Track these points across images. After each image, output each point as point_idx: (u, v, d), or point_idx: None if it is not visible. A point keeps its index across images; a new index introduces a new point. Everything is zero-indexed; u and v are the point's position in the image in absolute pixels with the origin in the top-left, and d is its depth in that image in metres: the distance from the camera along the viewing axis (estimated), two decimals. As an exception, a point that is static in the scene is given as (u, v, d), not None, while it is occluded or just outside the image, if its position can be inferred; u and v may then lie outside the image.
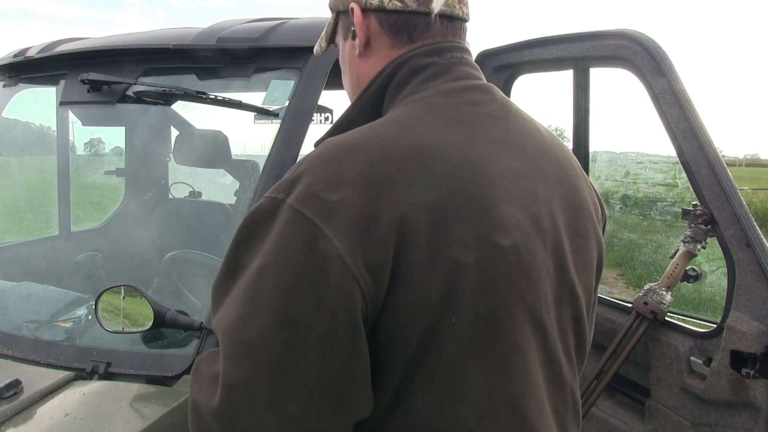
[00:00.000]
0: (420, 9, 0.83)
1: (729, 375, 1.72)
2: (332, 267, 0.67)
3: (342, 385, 0.70)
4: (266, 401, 0.69)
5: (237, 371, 0.70)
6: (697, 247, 1.91)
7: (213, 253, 1.74)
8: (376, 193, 0.69)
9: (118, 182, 2.87)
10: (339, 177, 0.70)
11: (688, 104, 1.78)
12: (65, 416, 1.16)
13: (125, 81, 1.61)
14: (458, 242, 0.70)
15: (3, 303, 1.81)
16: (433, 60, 0.83)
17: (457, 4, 0.85)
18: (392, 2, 0.83)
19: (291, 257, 0.68)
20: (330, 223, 0.68)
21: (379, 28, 0.85)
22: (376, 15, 0.85)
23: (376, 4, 0.84)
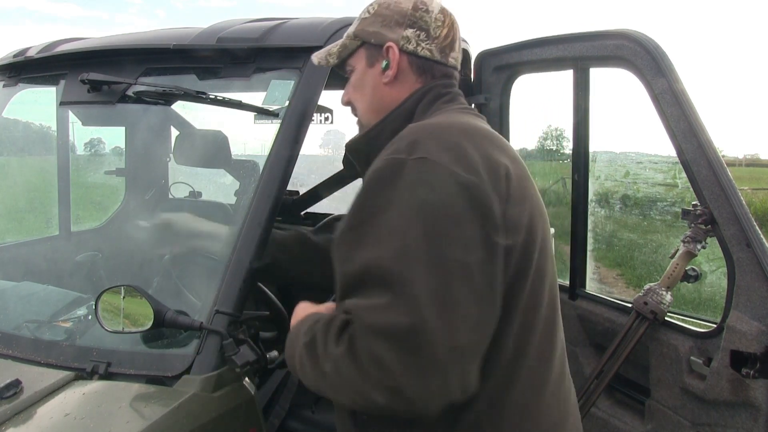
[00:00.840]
0: (441, 60, 1.15)
1: (729, 375, 1.72)
2: (473, 191, 0.89)
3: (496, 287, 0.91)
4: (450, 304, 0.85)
5: (423, 286, 0.84)
6: (697, 247, 1.91)
7: (213, 253, 1.74)
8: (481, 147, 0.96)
9: (118, 182, 2.86)
10: (450, 139, 0.95)
11: (688, 104, 1.78)
12: (65, 416, 1.16)
13: (125, 81, 1.61)
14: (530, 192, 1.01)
15: (3, 303, 1.81)
16: (449, 90, 1.16)
17: (458, 61, 1.19)
18: (424, 51, 1.14)
19: (438, 192, 0.88)
20: (459, 165, 0.90)
21: (409, 67, 1.15)
22: (408, 56, 1.14)
23: (411, 49, 1.14)
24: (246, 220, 1.40)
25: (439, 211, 0.87)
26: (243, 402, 1.31)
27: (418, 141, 0.94)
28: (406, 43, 1.13)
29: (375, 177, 0.93)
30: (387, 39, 1.14)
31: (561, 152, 13.71)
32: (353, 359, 0.86)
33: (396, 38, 1.13)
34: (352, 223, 0.93)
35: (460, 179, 0.89)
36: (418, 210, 0.87)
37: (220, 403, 1.26)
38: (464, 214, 0.88)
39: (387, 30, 1.14)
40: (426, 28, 1.13)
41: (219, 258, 1.53)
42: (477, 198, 0.89)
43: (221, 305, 1.32)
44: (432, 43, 1.13)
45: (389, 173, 0.91)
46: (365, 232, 0.90)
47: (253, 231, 1.39)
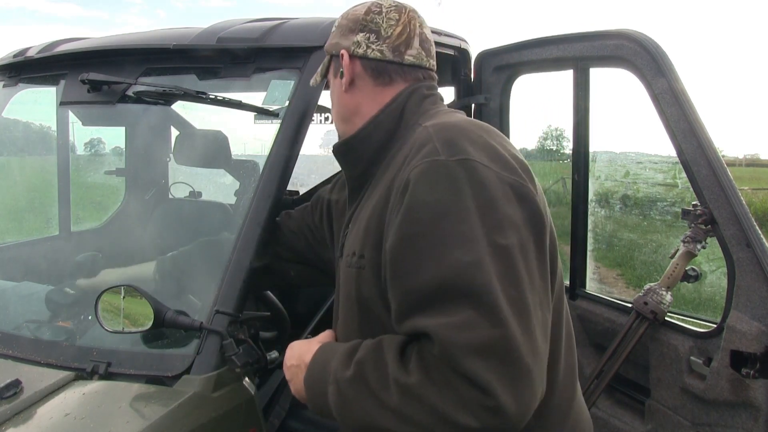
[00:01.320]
0: (395, 60, 1.11)
1: (729, 375, 1.72)
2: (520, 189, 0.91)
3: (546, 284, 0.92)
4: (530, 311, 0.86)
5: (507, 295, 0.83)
6: (697, 247, 1.91)
7: (213, 253, 1.74)
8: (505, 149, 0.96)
9: (118, 182, 2.86)
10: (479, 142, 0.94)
11: (688, 104, 1.78)
12: (65, 416, 1.16)
13: (125, 81, 1.61)
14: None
15: (3, 303, 1.81)
16: (432, 92, 1.14)
17: (424, 58, 1.14)
18: (374, 52, 1.10)
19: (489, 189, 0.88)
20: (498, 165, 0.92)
21: (363, 71, 1.12)
22: (360, 61, 1.12)
23: (361, 53, 1.11)
24: (246, 220, 1.40)
25: (498, 214, 0.87)
26: (243, 402, 1.31)
27: (453, 141, 0.93)
28: (356, 47, 1.12)
29: (422, 181, 0.90)
30: (339, 47, 1.14)
31: (561, 152, 13.68)
32: (433, 382, 0.83)
33: (347, 45, 1.13)
34: (410, 232, 0.89)
35: (505, 179, 0.90)
36: (480, 214, 0.86)
37: (220, 403, 1.26)
38: (519, 215, 0.89)
39: (342, 39, 1.14)
40: (376, 29, 1.11)
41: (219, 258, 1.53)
42: (525, 197, 0.91)
43: (221, 305, 1.32)
44: (383, 43, 1.10)
45: (437, 175, 0.89)
46: (429, 243, 0.87)
47: (253, 231, 1.39)
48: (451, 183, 0.88)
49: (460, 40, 2.25)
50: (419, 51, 1.13)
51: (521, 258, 0.86)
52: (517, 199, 0.89)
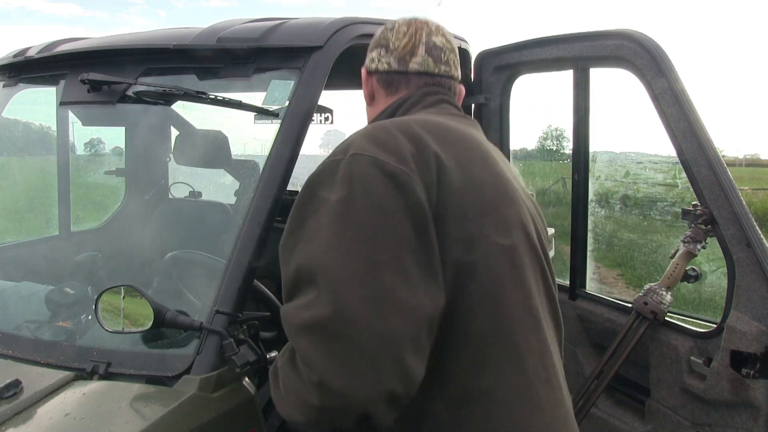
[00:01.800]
0: (400, 69, 1.17)
1: (729, 375, 1.72)
2: (400, 178, 0.90)
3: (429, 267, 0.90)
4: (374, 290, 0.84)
5: (345, 276, 0.85)
6: (697, 247, 1.91)
7: (213, 253, 1.74)
8: (415, 141, 0.96)
9: (118, 182, 2.86)
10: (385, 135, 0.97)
11: (688, 104, 1.78)
12: (65, 416, 1.16)
13: (125, 81, 1.61)
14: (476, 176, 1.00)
15: (3, 303, 1.81)
16: (428, 98, 1.16)
17: (432, 64, 1.17)
18: (383, 65, 1.18)
19: (366, 181, 0.90)
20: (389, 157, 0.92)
21: (378, 84, 1.20)
22: (375, 75, 1.20)
23: (374, 68, 1.20)
24: (246, 220, 1.40)
25: (364, 202, 0.89)
26: (243, 402, 1.31)
27: (354, 140, 0.97)
28: (371, 63, 1.20)
29: (311, 181, 0.96)
30: (364, 67, 1.23)
31: (561, 152, 13.67)
32: (292, 365, 0.89)
33: (367, 63, 1.22)
34: (289, 228, 0.95)
35: (386, 168, 0.91)
36: (345, 204, 0.89)
37: (220, 403, 1.26)
38: (389, 201, 0.89)
39: (366, 59, 1.23)
40: (386, 44, 1.18)
41: (219, 258, 1.53)
42: (403, 184, 0.90)
43: (221, 305, 1.32)
44: (390, 56, 1.17)
45: (325, 176, 0.94)
46: (298, 236, 0.92)
47: (253, 231, 1.39)
48: (333, 181, 0.92)
49: (460, 40, 2.25)
50: (425, 58, 1.16)
51: (384, 240, 0.87)
52: (394, 187, 0.90)
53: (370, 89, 1.22)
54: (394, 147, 0.94)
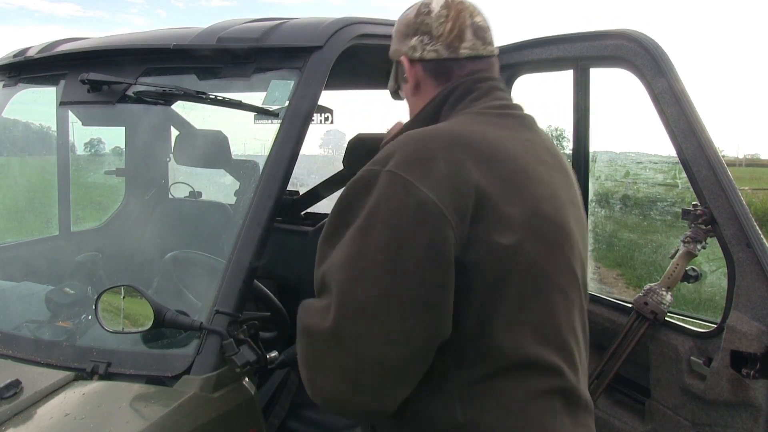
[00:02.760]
0: (451, 56, 1.11)
1: (729, 375, 1.72)
2: (427, 208, 0.89)
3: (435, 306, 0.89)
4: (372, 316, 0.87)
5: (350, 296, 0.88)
6: (697, 247, 1.91)
7: (213, 253, 1.74)
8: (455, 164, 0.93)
9: (118, 182, 2.86)
10: (426, 152, 0.94)
11: (688, 104, 1.78)
12: (65, 416, 1.16)
13: (125, 81, 1.61)
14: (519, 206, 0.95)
15: (3, 303, 1.81)
16: (479, 86, 1.10)
17: (480, 47, 1.12)
18: (429, 53, 1.11)
19: (393, 205, 0.90)
20: (423, 181, 0.90)
21: (424, 74, 1.14)
22: (420, 64, 1.13)
23: (418, 57, 1.13)
24: (246, 220, 1.40)
25: (386, 228, 0.89)
26: (243, 402, 1.31)
27: (394, 152, 0.95)
28: (413, 52, 1.13)
29: (352, 187, 0.97)
30: (400, 54, 1.16)
31: (561, 152, 13.53)
32: None
33: (405, 50, 1.14)
34: (326, 231, 0.98)
35: (418, 195, 0.89)
36: (369, 223, 0.90)
37: (220, 403, 1.26)
38: (413, 230, 0.88)
39: (400, 44, 1.16)
40: (428, 30, 1.12)
41: (219, 258, 1.53)
42: (431, 214, 0.89)
43: (221, 305, 1.32)
44: (436, 43, 1.11)
45: (363, 185, 0.95)
46: (331, 242, 0.96)
47: (253, 231, 1.39)
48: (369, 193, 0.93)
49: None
50: (473, 41, 1.12)
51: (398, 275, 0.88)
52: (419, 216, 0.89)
53: (416, 79, 1.14)
54: (431, 171, 0.91)
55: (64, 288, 1.77)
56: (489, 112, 1.07)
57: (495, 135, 1.02)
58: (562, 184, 1.07)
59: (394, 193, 0.90)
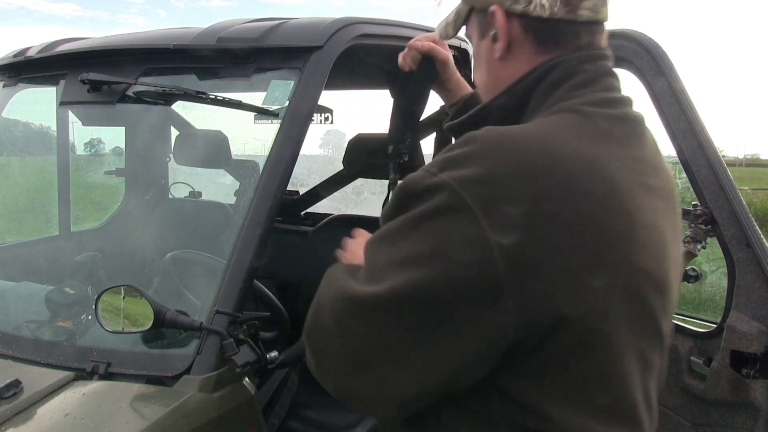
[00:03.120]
0: (567, 17, 0.82)
1: (729, 375, 1.72)
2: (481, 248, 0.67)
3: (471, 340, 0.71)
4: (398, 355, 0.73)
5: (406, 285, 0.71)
6: (697, 247, 1.91)
7: (213, 253, 1.74)
8: (537, 194, 0.69)
9: (118, 182, 2.86)
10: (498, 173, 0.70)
11: (688, 104, 1.78)
12: (65, 416, 1.16)
13: (125, 81, 1.61)
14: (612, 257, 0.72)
15: (3, 303, 1.81)
16: (585, 67, 0.82)
17: (601, 8, 0.84)
18: (536, 9, 0.82)
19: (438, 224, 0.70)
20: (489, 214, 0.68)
21: (523, 34, 0.84)
22: (520, 20, 0.84)
23: (521, 10, 0.83)
24: (246, 220, 1.40)
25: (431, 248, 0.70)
26: (243, 402, 1.31)
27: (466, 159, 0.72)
28: (514, 3, 0.83)
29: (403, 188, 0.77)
30: (492, 2, 0.86)
31: (561, 152, 13.55)
32: None
33: (506, 2, 0.84)
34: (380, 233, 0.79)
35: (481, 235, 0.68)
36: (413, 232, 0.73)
37: (220, 403, 1.26)
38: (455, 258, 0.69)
39: None
40: None
41: (219, 258, 1.53)
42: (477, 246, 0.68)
43: (221, 305, 1.32)
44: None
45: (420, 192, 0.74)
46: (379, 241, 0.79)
47: (253, 231, 1.38)
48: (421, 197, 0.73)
49: (460, 40, 2.25)
50: (596, 2, 0.83)
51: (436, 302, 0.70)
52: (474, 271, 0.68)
53: (508, 38, 0.85)
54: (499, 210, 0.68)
55: (64, 288, 1.77)
56: (596, 113, 0.79)
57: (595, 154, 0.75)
58: (666, 217, 0.82)
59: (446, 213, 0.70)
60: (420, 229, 0.72)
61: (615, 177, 0.75)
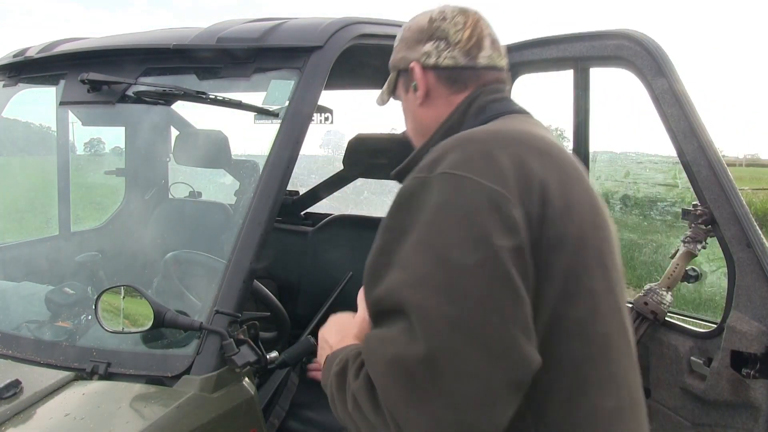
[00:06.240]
0: (469, 64, 1.06)
1: (729, 375, 1.72)
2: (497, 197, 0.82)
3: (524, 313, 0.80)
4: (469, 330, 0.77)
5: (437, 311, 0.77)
6: (698, 247, 1.91)
7: (213, 253, 1.74)
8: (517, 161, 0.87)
9: (118, 182, 2.87)
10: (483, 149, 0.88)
11: (689, 104, 1.78)
12: (65, 416, 1.16)
13: (125, 81, 1.61)
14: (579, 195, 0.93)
15: (3, 303, 1.81)
16: (499, 95, 1.07)
17: (497, 59, 1.09)
18: (446, 60, 1.06)
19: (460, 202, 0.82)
20: (486, 177, 0.83)
21: (437, 81, 1.08)
22: (433, 71, 1.07)
23: (433, 63, 1.07)
24: (246, 220, 1.40)
25: (458, 227, 0.80)
26: (243, 402, 1.31)
27: (442, 156, 0.88)
28: (427, 58, 1.07)
29: (399, 198, 0.88)
30: (410, 60, 1.09)
31: (561, 152, 13.55)
32: (369, 395, 0.82)
33: (417, 56, 1.08)
34: (377, 248, 0.88)
35: (487, 191, 0.82)
36: (436, 233, 0.81)
37: (220, 404, 1.26)
38: (487, 226, 0.80)
39: (410, 52, 1.10)
40: (444, 36, 1.06)
41: (219, 258, 1.53)
42: (503, 209, 0.81)
43: (221, 305, 1.32)
44: (453, 49, 1.06)
45: (412, 194, 0.86)
46: (385, 261, 0.85)
47: (253, 231, 1.39)
48: (421, 200, 0.84)
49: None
50: (491, 52, 1.08)
51: (478, 276, 0.78)
52: (492, 213, 0.81)
53: (426, 87, 1.08)
54: (492, 165, 0.85)
55: (64, 288, 1.77)
56: (518, 115, 1.05)
57: (536, 131, 0.98)
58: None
59: (457, 191, 0.82)
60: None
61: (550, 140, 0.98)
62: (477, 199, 0.81)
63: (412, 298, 0.79)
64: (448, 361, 0.76)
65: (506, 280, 0.79)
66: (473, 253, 0.79)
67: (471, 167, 0.84)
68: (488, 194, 0.82)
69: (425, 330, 0.76)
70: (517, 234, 0.81)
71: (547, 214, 0.85)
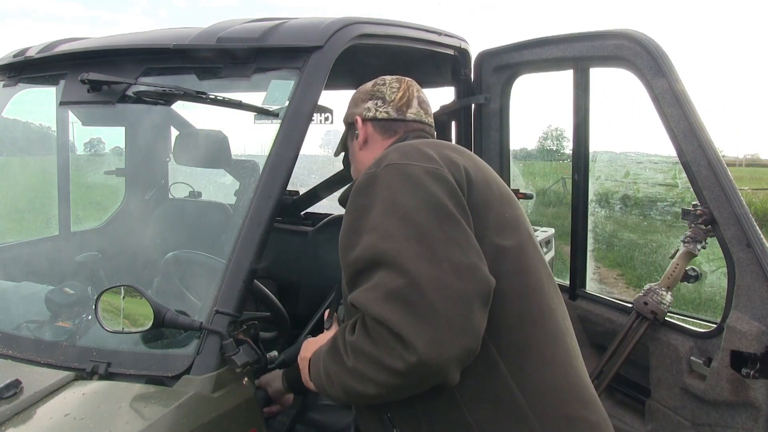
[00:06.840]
0: (399, 117, 1.41)
1: (729, 375, 1.72)
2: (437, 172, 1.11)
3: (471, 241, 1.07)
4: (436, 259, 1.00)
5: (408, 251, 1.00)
6: (697, 247, 1.91)
7: (213, 253, 1.74)
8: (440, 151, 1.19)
9: (118, 182, 2.86)
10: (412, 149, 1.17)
11: (688, 104, 1.78)
12: (65, 416, 1.16)
13: (125, 81, 1.61)
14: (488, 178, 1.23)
15: (3, 303, 1.81)
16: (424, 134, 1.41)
17: (423, 115, 1.43)
18: (381, 113, 1.40)
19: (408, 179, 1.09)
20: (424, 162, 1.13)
21: (374, 130, 1.41)
22: (371, 122, 1.41)
23: (371, 116, 1.41)
24: (246, 220, 1.40)
25: (410, 194, 1.07)
26: (243, 402, 1.31)
27: (385, 156, 1.17)
28: (367, 112, 1.41)
29: (357, 189, 1.14)
30: (354, 114, 1.43)
31: (561, 152, 13.68)
32: (366, 335, 1.00)
33: (360, 111, 1.42)
34: (345, 227, 1.12)
35: (423, 168, 1.11)
36: (393, 201, 1.07)
37: (220, 403, 1.26)
38: (431, 188, 1.08)
39: (355, 108, 1.44)
40: (382, 96, 1.40)
41: (219, 258, 1.53)
42: (440, 176, 1.11)
43: (221, 305, 1.32)
44: (388, 106, 1.39)
45: (367, 183, 1.12)
46: (355, 232, 1.08)
47: (253, 231, 1.39)
48: (376, 186, 1.10)
49: (460, 40, 2.25)
50: (418, 110, 1.42)
51: (435, 222, 1.04)
52: (433, 180, 1.09)
53: (365, 135, 1.41)
54: (423, 155, 1.15)
55: (64, 288, 1.77)
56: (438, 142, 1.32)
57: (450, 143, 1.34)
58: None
59: (402, 174, 1.10)
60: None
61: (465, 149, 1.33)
62: (420, 174, 1.10)
63: (386, 246, 1.01)
64: (429, 284, 0.97)
65: (456, 222, 1.06)
66: (427, 208, 1.05)
67: (409, 158, 1.14)
68: (426, 170, 1.11)
69: (404, 266, 0.99)
70: (455, 192, 1.10)
71: (473, 184, 1.15)
